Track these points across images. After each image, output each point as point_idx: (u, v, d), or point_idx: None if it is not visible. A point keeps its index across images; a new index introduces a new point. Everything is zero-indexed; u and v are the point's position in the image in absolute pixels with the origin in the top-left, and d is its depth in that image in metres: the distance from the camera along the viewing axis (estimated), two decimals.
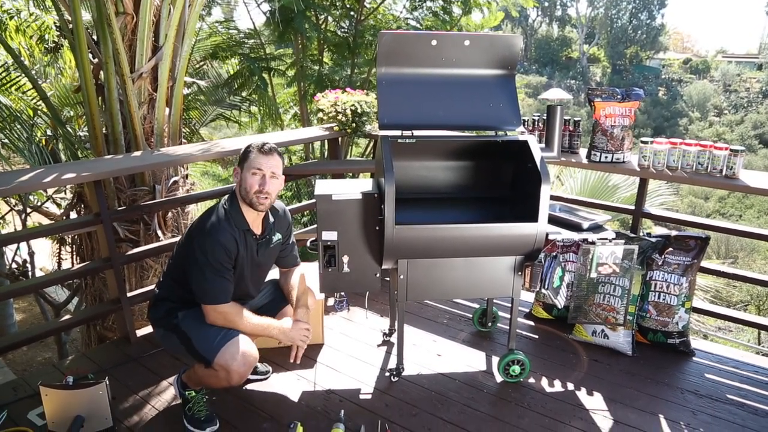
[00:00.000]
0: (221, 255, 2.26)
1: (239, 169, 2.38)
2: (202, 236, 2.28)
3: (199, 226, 2.32)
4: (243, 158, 2.36)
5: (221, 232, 2.28)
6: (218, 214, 2.33)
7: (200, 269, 2.26)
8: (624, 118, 3.17)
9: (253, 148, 2.36)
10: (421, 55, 2.67)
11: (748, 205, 22.23)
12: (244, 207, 2.38)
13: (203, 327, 2.33)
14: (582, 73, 45.08)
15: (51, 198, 7.66)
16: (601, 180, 6.09)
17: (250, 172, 2.33)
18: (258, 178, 2.33)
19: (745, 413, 2.62)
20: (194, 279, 2.29)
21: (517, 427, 2.50)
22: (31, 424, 2.49)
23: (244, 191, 2.35)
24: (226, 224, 2.31)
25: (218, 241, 2.26)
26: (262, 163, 2.33)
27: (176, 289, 2.44)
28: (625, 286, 3.00)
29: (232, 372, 2.27)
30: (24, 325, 8.53)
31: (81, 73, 3.88)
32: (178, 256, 2.44)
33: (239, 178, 2.37)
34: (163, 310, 2.44)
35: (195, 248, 2.28)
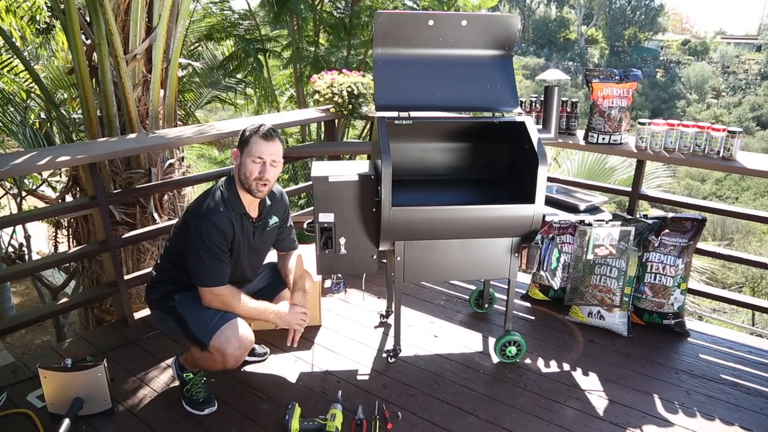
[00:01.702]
0: (217, 237, 2.25)
1: (238, 152, 2.35)
2: (197, 219, 2.26)
3: (195, 208, 2.30)
4: (243, 142, 2.32)
5: (217, 215, 2.26)
6: (215, 197, 2.32)
7: (196, 252, 2.25)
8: (622, 99, 3.16)
9: (254, 132, 2.31)
10: (417, 35, 2.64)
11: (744, 188, 22.27)
12: (241, 190, 2.36)
13: (199, 310, 2.33)
14: (580, 54, 44.84)
15: (46, 181, 7.63)
16: (598, 162, 6.09)
17: (251, 158, 2.30)
18: (258, 166, 2.31)
19: (739, 393, 2.65)
20: (191, 262, 2.29)
21: (513, 407, 2.53)
22: (30, 405, 2.51)
23: (243, 176, 2.32)
24: (223, 207, 2.29)
25: (214, 223, 2.24)
26: (263, 150, 2.30)
27: (173, 272, 2.44)
28: (622, 268, 3.01)
29: (228, 355, 2.28)
30: (22, 309, 8.55)
31: (74, 54, 3.84)
32: (175, 239, 2.43)
33: (238, 161, 2.34)
34: (160, 293, 2.44)
35: (191, 230, 2.26)
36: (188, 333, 2.34)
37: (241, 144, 2.33)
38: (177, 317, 2.36)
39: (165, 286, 2.44)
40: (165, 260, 2.49)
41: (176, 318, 2.37)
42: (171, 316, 2.39)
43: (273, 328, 3.07)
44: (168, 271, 2.46)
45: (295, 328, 2.41)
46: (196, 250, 2.25)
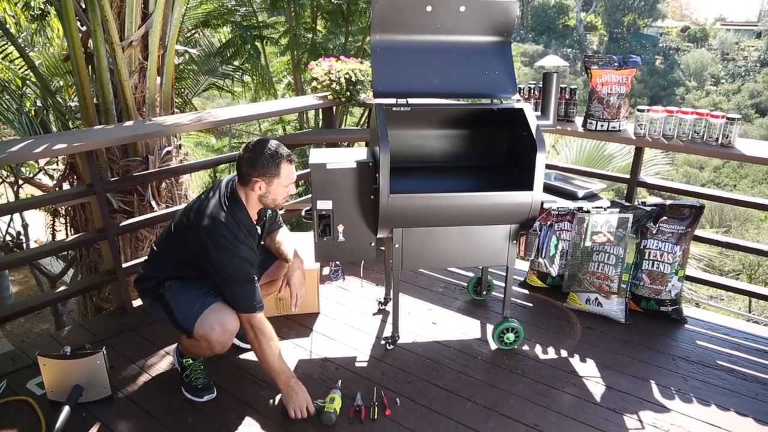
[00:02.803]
0: (247, 268, 2.24)
1: (263, 181, 2.25)
2: (223, 254, 2.18)
3: (217, 241, 2.19)
4: (270, 171, 2.24)
5: (241, 249, 2.22)
6: (231, 229, 2.22)
7: (227, 283, 2.22)
8: (621, 86, 3.15)
9: (280, 158, 2.25)
10: (416, 21, 2.62)
11: (742, 175, 22.30)
12: (250, 208, 2.33)
13: (183, 297, 2.32)
14: (579, 41, 44.64)
15: (43, 170, 7.60)
16: (596, 149, 6.08)
17: (283, 186, 2.29)
18: (290, 189, 2.33)
19: (735, 378, 2.66)
20: (226, 294, 2.26)
21: (511, 393, 2.54)
22: (30, 393, 2.51)
23: (269, 200, 2.31)
24: (245, 238, 2.25)
25: (240, 256, 2.21)
26: (292, 174, 2.31)
27: (169, 268, 2.39)
28: (620, 255, 3.02)
29: (213, 341, 2.27)
30: (20, 297, 8.56)
31: (69, 41, 3.81)
32: (181, 244, 2.33)
33: (263, 190, 2.27)
34: (153, 283, 2.41)
35: (214, 263, 2.19)
36: (174, 321, 2.34)
37: (266, 174, 2.24)
38: (165, 305, 2.35)
39: (159, 279, 2.41)
40: (163, 257, 2.42)
41: (164, 306, 2.36)
42: (160, 304, 2.38)
43: (270, 315, 3.09)
44: (165, 268, 2.40)
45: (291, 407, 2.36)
46: (227, 281, 2.22)
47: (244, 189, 2.30)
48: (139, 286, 2.48)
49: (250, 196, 2.31)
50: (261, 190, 2.28)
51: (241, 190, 2.31)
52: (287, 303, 3.11)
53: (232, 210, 2.26)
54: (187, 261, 2.32)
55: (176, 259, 2.38)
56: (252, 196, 2.30)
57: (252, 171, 2.24)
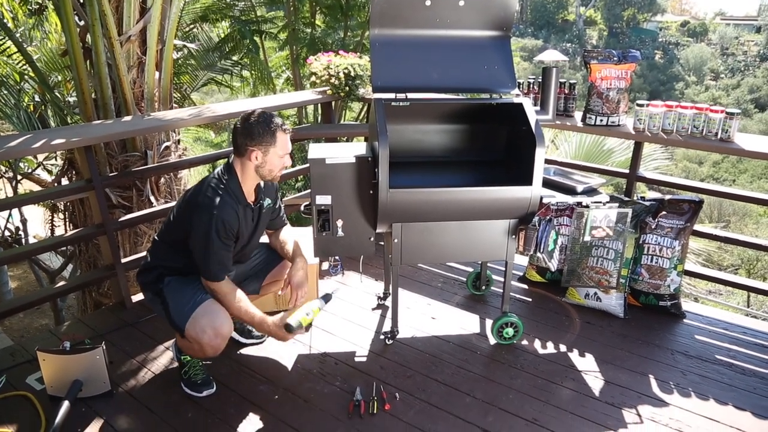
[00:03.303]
0: (223, 233, 2.24)
1: (259, 150, 2.27)
2: (203, 212, 2.22)
3: (199, 200, 2.25)
4: (266, 140, 2.26)
5: (224, 210, 2.24)
6: (218, 189, 2.27)
7: (200, 246, 2.24)
8: (620, 81, 3.14)
9: (276, 127, 2.27)
10: (415, 16, 2.62)
11: (741, 170, 22.29)
12: (245, 180, 2.34)
13: (179, 293, 2.34)
14: (578, 36, 44.53)
15: (41, 165, 7.59)
16: (596, 144, 6.07)
17: (278, 155, 2.31)
18: (285, 160, 2.34)
19: (733, 373, 2.67)
20: (195, 254, 2.28)
21: (510, 387, 2.55)
22: (30, 388, 2.52)
23: (266, 171, 2.32)
24: (229, 200, 2.27)
25: (221, 218, 2.22)
26: (287, 144, 2.32)
27: (171, 259, 2.42)
28: (619, 250, 3.02)
29: (204, 345, 2.27)
30: (19, 293, 8.56)
31: (67, 36, 3.79)
32: (176, 226, 2.38)
33: (259, 160, 2.28)
34: (154, 276, 2.42)
35: (195, 225, 2.23)
36: (169, 319, 2.35)
37: (263, 143, 2.26)
38: (162, 300, 2.37)
39: (159, 270, 2.43)
40: (163, 246, 2.46)
41: (162, 302, 2.37)
42: (159, 299, 2.39)
43: (269, 310, 3.09)
44: (165, 258, 2.43)
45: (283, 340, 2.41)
46: (200, 244, 2.23)
47: (241, 160, 2.31)
48: (140, 278, 2.49)
49: (247, 167, 2.31)
50: (257, 160, 2.29)
51: (237, 161, 2.33)
52: (286, 298, 3.10)
53: (223, 177, 2.31)
54: (183, 246, 2.32)
55: (173, 245, 2.40)
56: (248, 166, 2.31)
57: (248, 141, 2.26)
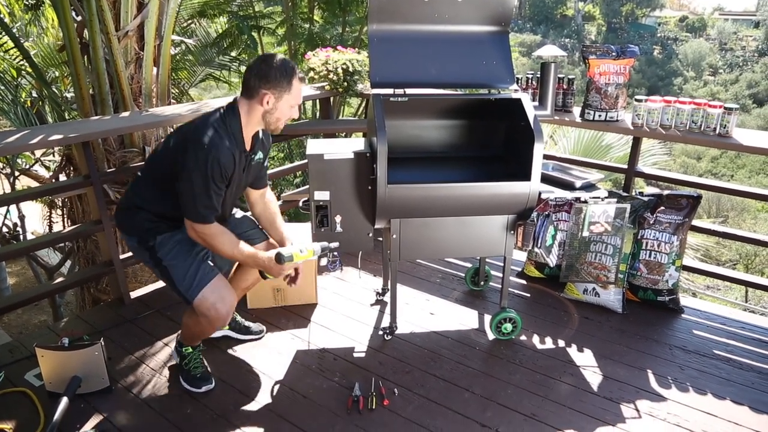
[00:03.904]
0: (217, 173, 2.11)
1: (272, 94, 2.14)
2: (200, 150, 2.07)
3: (197, 137, 2.10)
4: (281, 85, 2.14)
5: (222, 150, 2.10)
6: (218, 129, 2.13)
7: (190, 183, 2.09)
8: (618, 76, 3.14)
9: (292, 74, 2.16)
10: (413, 11, 2.61)
11: (740, 165, 22.33)
12: (248, 125, 2.21)
13: (183, 263, 2.28)
14: (577, 31, 44.50)
15: (39, 161, 7.58)
16: (594, 139, 6.08)
17: (289, 104, 2.19)
18: (294, 111, 2.23)
19: (731, 367, 2.68)
20: (182, 191, 2.13)
21: (509, 383, 2.55)
22: (29, 384, 2.52)
23: (273, 118, 2.20)
24: (228, 142, 2.14)
25: (218, 158, 2.08)
26: (300, 95, 2.22)
27: (155, 201, 2.28)
28: (617, 245, 3.02)
29: (213, 320, 2.29)
30: (18, 289, 8.55)
31: (64, 31, 3.78)
32: (165, 161, 2.22)
33: (270, 105, 2.16)
34: (139, 221, 2.29)
35: (188, 163, 2.08)
36: (172, 286, 2.30)
37: (277, 87, 2.14)
38: (157, 262, 2.29)
39: (144, 214, 2.29)
40: (148, 184, 2.30)
41: (157, 263, 2.29)
42: (150, 255, 2.29)
43: (269, 306, 3.09)
44: (150, 199, 2.29)
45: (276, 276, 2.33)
46: (191, 181, 2.09)
47: (249, 102, 2.18)
48: (122, 219, 2.35)
49: (254, 111, 2.18)
50: (268, 105, 2.16)
51: (243, 103, 2.20)
52: (285, 294, 3.12)
53: (226, 117, 2.18)
54: (170, 185, 2.17)
55: (160, 184, 2.24)
56: (256, 110, 2.18)
57: (263, 83, 2.13)
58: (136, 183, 2.34)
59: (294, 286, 2.49)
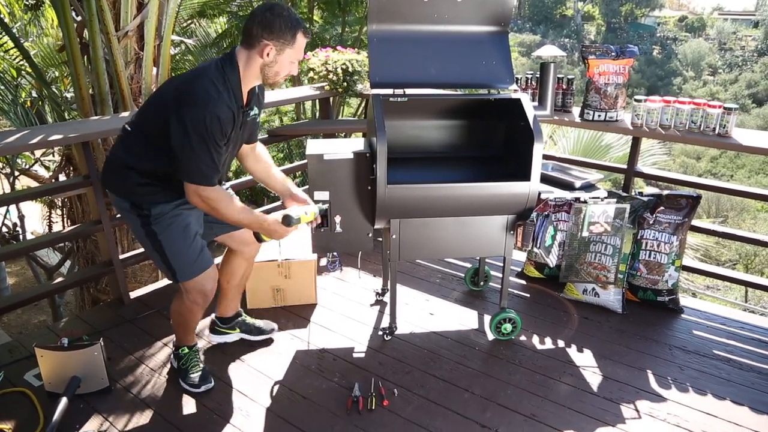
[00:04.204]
0: (217, 131, 1.98)
1: (274, 46, 2.02)
2: (196, 106, 1.94)
3: (194, 92, 1.96)
4: (285, 37, 2.02)
5: (221, 106, 1.97)
6: (217, 84, 2.00)
7: (189, 144, 1.96)
8: (618, 76, 3.14)
9: (298, 27, 2.04)
10: (413, 11, 2.61)
11: (739, 165, 22.34)
12: (246, 78, 2.09)
13: (181, 243, 2.23)
14: (576, 31, 44.51)
15: (39, 161, 7.58)
16: (594, 139, 6.08)
17: (291, 59, 2.08)
18: (294, 67, 2.12)
19: (731, 368, 2.68)
20: (180, 153, 1.99)
21: (508, 383, 2.55)
22: (28, 384, 2.51)
23: (272, 72, 2.08)
24: (227, 97, 2.01)
25: (217, 115, 1.96)
26: (302, 52, 2.11)
27: (145, 157, 2.13)
28: (617, 245, 3.02)
29: (201, 302, 2.34)
30: (17, 289, 8.55)
31: (64, 31, 3.78)
32: (157, 114, 2.06)
33: (270, 57, 2.03)
34: (131, 181, 2.16)
35: (186, 118, 1.94)
36: (162, 259, 2.24)
37: (280, 39, 2.02)
38: (150, 233, 2.20)
39: (134, 175, 2.14)
40: (139, 139, 2.14)
41: (149, 234, 2.20)
42: (141, 224, 2.20)
43: (269, 306, 3.09)
44: (141, 155, 2.14)
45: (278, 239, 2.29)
46: (190, 142, 1.95)
47: (248, 52, 2.05)
48: (108, 178, 2.22)
49: (253, 62, 2.06)
50: (269, 57, 2.03)
51: (242, 53, 2.07)
52: (285, 294, 3.12)
53: (224, 68, 2.04)
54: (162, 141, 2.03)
55: (151, 139, 2.10)
56: (255, 62, 2.05)
57: (265, 33, 2.00)
58: (125, 138, 2.18)
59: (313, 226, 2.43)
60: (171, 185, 2.14)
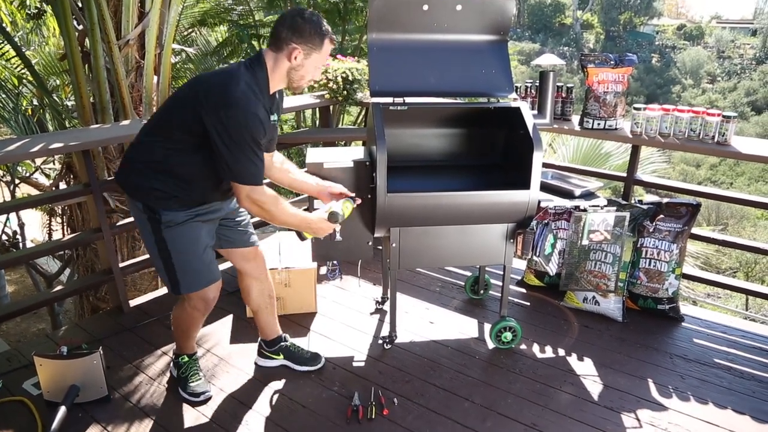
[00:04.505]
0: (260, 131, 2.00)
1: (302, 50, 2.05)
2: (238, 109, 1.93)
3: (231, 94, 1.95)
4: (313, 42, 2.05)
5: (258, 107, 1.99)
6: (253, 86, 2.01)
7: (237, 146, 1.96)
8: (617, 85, 3.15)
9: (326, 33, 2.07)
10: (412, 20, 2.62)
11: (738, 173, 22.36)
12: (274, 77, 2.10)
13: (191, 255, 2.20)
14: (575, 39, 44.69)
15: (39, 169, 7.58)
16: (593, 147, 6.09)
17: (316, 64, 2.11)
18: (320, 72, 2.18)
19: (732, 376, 2.67)
20: (230, 157, 1.98)
21: (508, 392, 2.54)
22: (26, 393, 2.51)
23: (297, 77, 2.11)
24: (261, 99, 2.04)
25: (257, 114, 1.97)
26: (327, 58, 2.15)
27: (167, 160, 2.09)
28: (617, 253, 3.02)
29: (204, 311, 2.34)
30: (16, 297, 8.53)
31: (66, 40, 3.79)
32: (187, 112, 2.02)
33: (298, 61, 2.06)
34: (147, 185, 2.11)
35: (228, 122, 1.93)
36: (169, 272, 2.21)
37: (308, 43, 2.05)
38: (159, 240, 2.16)
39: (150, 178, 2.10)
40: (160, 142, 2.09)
41: (159, 241, 2.17)
42: (152, 229, 2.15)
43: None
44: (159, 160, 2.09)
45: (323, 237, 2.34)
46: (236, 143, 1.96)
47: (276, 55, 2.07)
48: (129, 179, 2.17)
49: (280, 66, 2.08)
50: (296, 61, 2.06)
51: (270, 57, 2.08)
52: (285, 303, 3.11)
53: (254, 69, 2.05)
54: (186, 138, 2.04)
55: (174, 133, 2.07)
56: (282, 65, 2.07)
57: (295, 36, 2.03)
58: (145, 139, 2.14)
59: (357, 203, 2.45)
60: (187, 191, 2.14)
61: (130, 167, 2.17)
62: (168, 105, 2.14)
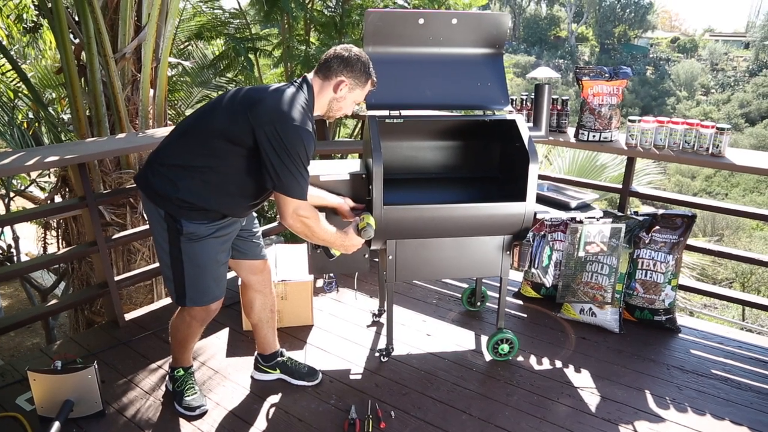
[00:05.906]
0: (311, 147, 2.04)
1: (348, 84, 2.14)
2: (294, 126, 1.97)
3: (289, 111, 1.98)
4: (359, 78, 2.16)
5: (311, 126, 2.05)
6: (304, 107, 2.05)
7: (291, 161, 1.98)
8: (612, 97, 3.17)
9: (371, 74, 2.19)
10: (408, 34, 2.64)
11: (734, 184, 22.45)
12: (315, 105, 2.17)
13: (202, 270, 2.19)
14: (570, 52, 45.02)
15: (35, 182, 7.57)
16: (589, 159, 6.11)
17: (355, 99, 2.21)
18: (353, 107, 2.24)
19: (729, 387, 2.67)
20: (282, 171, 1.99)
21: (506, 404, 2.53)
22: (20, 409, 2.48)
23: (335, 107, 2.19)
24: (310, 114, 2.09)
25: (310, 132, 2.02)
26: (364, 96, 2.25)
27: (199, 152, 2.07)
28: (613, 265, 3.02)
29: (203, 322, 2.35)
30: (10, 311, 8.47)
31: (62, 53, 3.80)
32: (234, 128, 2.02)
33: (342, 93, 2.15)
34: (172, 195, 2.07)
35: (284, 138, 1.96)
36: (178, 283, 2.20)
37: (355, 79, 2.15)
38: (174, 249, 2.14)
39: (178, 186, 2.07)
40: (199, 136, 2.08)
41: (173, 251, 2.14)
42: (170, 238, 2.13)
43: None
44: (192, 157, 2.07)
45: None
46: (291, 158, 1.98)
47: (323, 83, 2.14)
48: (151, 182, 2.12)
49: (324, 93, 2.15)
50: (341, 92, 2.15)
51: (317, 83, 2.15)
52: (281, 316, 3.10)
53: (306, 92, 2.12)
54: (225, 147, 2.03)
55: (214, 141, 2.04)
56: (326, 93, 2.15)
57: (346, 69, 2.12)
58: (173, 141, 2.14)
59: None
60: (215, 202, 2.11)
61: (155, 171, 2.12)
62: (206, 113, 2.11)
